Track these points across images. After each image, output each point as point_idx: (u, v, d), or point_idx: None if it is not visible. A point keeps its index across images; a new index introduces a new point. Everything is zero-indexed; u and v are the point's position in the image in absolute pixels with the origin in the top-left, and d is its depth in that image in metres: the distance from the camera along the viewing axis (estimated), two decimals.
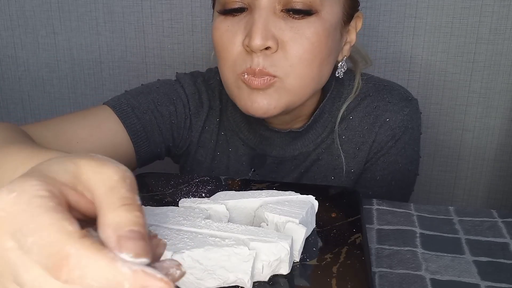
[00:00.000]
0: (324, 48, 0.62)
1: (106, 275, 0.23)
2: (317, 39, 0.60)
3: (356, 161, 0.73)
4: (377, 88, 0.73)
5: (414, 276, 0.43)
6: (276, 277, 0.40)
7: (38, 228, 0.24)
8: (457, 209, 0.58)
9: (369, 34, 1.05)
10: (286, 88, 0.62)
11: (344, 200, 0.55)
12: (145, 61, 1.19)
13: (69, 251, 0.23)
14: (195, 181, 0.61)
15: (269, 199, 0.48)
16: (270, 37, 0.59)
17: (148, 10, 1.15)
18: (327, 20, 0.61)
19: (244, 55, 0.61)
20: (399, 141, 0.72)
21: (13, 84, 1.30)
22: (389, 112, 0.71)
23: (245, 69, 0.61)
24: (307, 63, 0.61)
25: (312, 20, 0.60)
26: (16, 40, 1.25)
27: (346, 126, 0.73)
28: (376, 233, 0.52)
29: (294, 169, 0.74)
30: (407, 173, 0.74)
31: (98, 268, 0.23)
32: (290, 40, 0.60)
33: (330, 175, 0.73)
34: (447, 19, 1.02)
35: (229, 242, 0.39)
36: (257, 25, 0.58)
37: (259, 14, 0.59)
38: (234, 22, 0.62)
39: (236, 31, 0.61)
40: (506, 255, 0.47)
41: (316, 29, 0.60)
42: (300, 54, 0.60)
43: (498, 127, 1.07)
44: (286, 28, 0.60)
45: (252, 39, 0.58)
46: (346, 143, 0.73)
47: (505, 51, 1.02)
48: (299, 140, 0.73)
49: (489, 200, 1.12)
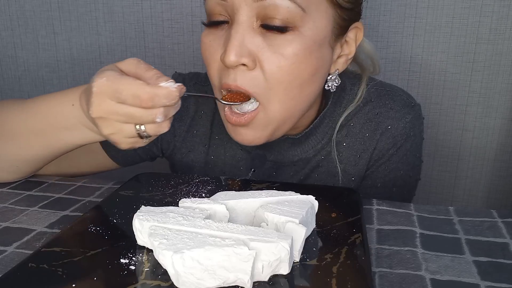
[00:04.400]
0: (306, 67, 0.59)
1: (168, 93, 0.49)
2: (296, 59, 0.57)
3: (356, 169, 0.71)
4: (379, 94, 0.71)
5: (414, 276, 0.43)
6: (276, 277, 0.40)
7: (128, 83, 0.49)
8: (457, 209, 0.57)
9: (369, 34, 1.05)
10: (269, 117, 0.60)
11: (344, 200, 0.55)
12: (145, 61, 1.19)
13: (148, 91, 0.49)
14: (195, 181, 0.61)
15: (269, 199, 0.48)
16: (246, 54, 0.56)
17: (148, 10, 1.15)
18: (308, 36, 0.58)
19: (223, 70, 0.60)
20: (401, 148, 0.70)
21: (13, 84, 1.30)
22: (391, 119, 0.70)
23: (222, 84, 0.60)
24: (286, 85, 0.58)
25: (290, 38, 0.57)
26: (16, 40, 1.25)
27: (347, 133, 0.71)
28: (376, 233, 0.52)
29: (294, 175, 0.73)
30: (409, 179, 0.73)
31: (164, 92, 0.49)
32: (267, 59, 0.57)
33: (330, 182, 0.72)
34: (447, 19, 1.02)
35: (229, 242, 0.39)
36: (232, 41, 0.56)
37: (235, 29, 0.57)
38: (216, 36, 0.60)
39: (217, 46, 0.60)
40: (506, 255, 0.47)
41: (294, 48, 0.57)
42: (278, 76, 0.58)
43: (498, 127, 1.07)
44: (264, 46, 0.57)
45: (226, 55, 0.56)
46: (346, 150, 0.71)
47: (505, 51, 1.02)
48: (299, 146, 0.71)
49: (489, 200, 1.12)
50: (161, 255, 0.39)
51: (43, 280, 0.39)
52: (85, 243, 0.45)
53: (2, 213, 0.57)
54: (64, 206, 0.59)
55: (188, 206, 0.47)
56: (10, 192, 0.64)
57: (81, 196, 0.62)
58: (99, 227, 0.48)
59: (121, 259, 0.42)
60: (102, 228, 0.48)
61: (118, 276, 0.40)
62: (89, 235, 0.47)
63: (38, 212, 0.57)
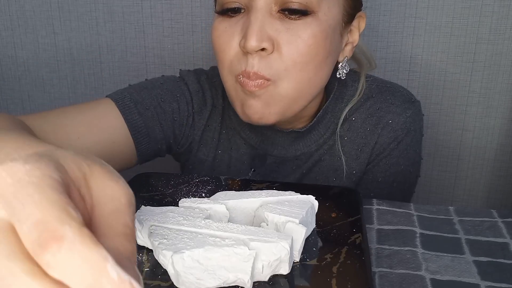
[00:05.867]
0: (321, 50, 0.61)
1: (92, 272, 0.21)
2: (313, 41, 0.60)
3: (358, 163, 0.73)
4: (380, 90, 0.73)
5: (414, 276, 0.43)
6: (276, 277, 0.40)
7: (42, 202, 0.23)
8: (457, 209, 0.58)
9: (369, 34, 1.05)
10: (280, 94, 0.62)
11: (344, 200, 0.55)
12: (145, 61, 1.19)
13: (66, 233, 0.21)
14: (195, 181, 0.61)
15: (269, 199, 0.48)
16: (266, 39, 0.58)
17: (148, 10, 1.15)
18: (325, 21, 0.61)
19: (240, 56, 0.61)
20: (401, 143, 0.71)
21: (13, 84, 1.30)
22: (392, 114, 0.71)
23: (241, 72, 0.61)
24: (301, 66, 0.61)
25: (308, 21, 0.59)
26: (16, 40, 1.25)
27: (349, 128, 0.72)
28: (376, 233, 0.52)
29: (296, 170, 0.74)
30: (409, 175, 0.74)
31: (87, 262, 0.21)
32: (286, 42, 0.59)
33: (332, 176, 0.73)
34: (447, 19, 1.02)
35: (229, 242, 0.39)
36: (253, 27, 0.58)
37: (255, 15, 0.59)
38: (231, 23, 0.62)
39: (233, 33, 0.61)
40: (506, 255, 0.47)
41: (312, 30, 0.59)
42: (295, 57, 0.60)
43: (498, 127, 1.07)
44: (282, 30, 0.59)
45: (247, 41, 0.58)
46: (348, 144, 0.73)
47: (505, 51, 1.02)
48: (301, 140, 0.72)
49: (489, 200, 1.12)
50: (161, 255, 0.39)
51: None
52: None
53: None
54: None
55: (188, 206, 0.47)
56: None
57: None
58: None
59: None
60: None
61: None
62: None
63: None
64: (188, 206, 0.47)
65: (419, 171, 0.76)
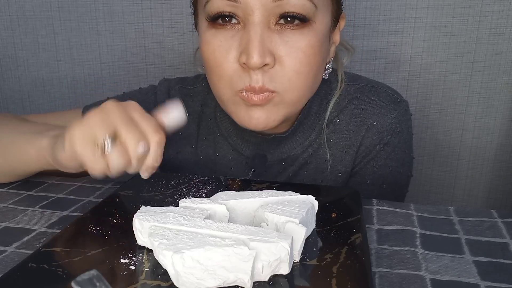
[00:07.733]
0: (318, 58, 0.62)
1: None
2: (312, 51, 0.60)
3: (343, 165, 0.72)
4: (364, 90, 0.72)
5: (414, 276, 0.43)
6: (276, 277, 0.40)
7: None
8: (457, 209, 0.58)
9: (369, 34, 1.05)
10: (284, 102, 0.62)
11: (344, 200, 0.55)
12: (145, 61, 1.19)
13: None
14: (195, 181, 0.61)
15: (269, 199, 0.48)
16: (267, 54, 0.58)
17: (148, 10, 1.15)
18: (320, 30, 0.61)
19: (241, 72, 0.60)
20: (388, 145, 0.71)
21: (13, 84, 1.30)
22: (376, 116, 0.70)
23: (244, 87, 0.60)
24: (304, 75, 0.61)
25: (305, 32, 0.60)
26: (16, 40, 1.25)
27: (333, 129, 0.72)
28: (376, 233, 0.52)
29: (282, 172, 0.73)
30: (399, 175, 0.73)
31: None
32: (286, 54, 0.59)
33: (319, 178, 0.73)
34: (447, 19, 1.02)
35: (229, 242, 0.39)
36: (254, 43, 0.57)
37: (254, 30, 0.57)
38: (226, 37, 0.60)
39: (229, 48, 0.60)
40: (506, 255, 0.47)
41: (309, 41, 0.60)
42: (297, 68, 0.60)
43: (498, 127, 1.07)
44: (281, 43, 0.59)
45: (250, 57, 0.57)
46: (333, 146, 0.72)
47: (505, 51, 1.02)
48: (286, 143, 0.72)
49: (489, 200, 1.12)
50: (161, 255, 0.39)
51: (43, 280, 0.39)
52: (85, 243, 0.45)
53: (2, 213, 0.57)
54: (64, 206, 0.59)
55: (188, 206, 0.47)
56: (10, 192, 0.64)
57: (81, 196, 0.62)
58: (99, 227, 0.48)
59: (121, 259, 0.42)
60: (102, 228, 0.48)
61: (118, 276, 0.40)
62: (89, 235, 0.47)
63: (38, 212, 0.57)
64: (188, 206, 0.47)
65: (410, 171, 0.75)
